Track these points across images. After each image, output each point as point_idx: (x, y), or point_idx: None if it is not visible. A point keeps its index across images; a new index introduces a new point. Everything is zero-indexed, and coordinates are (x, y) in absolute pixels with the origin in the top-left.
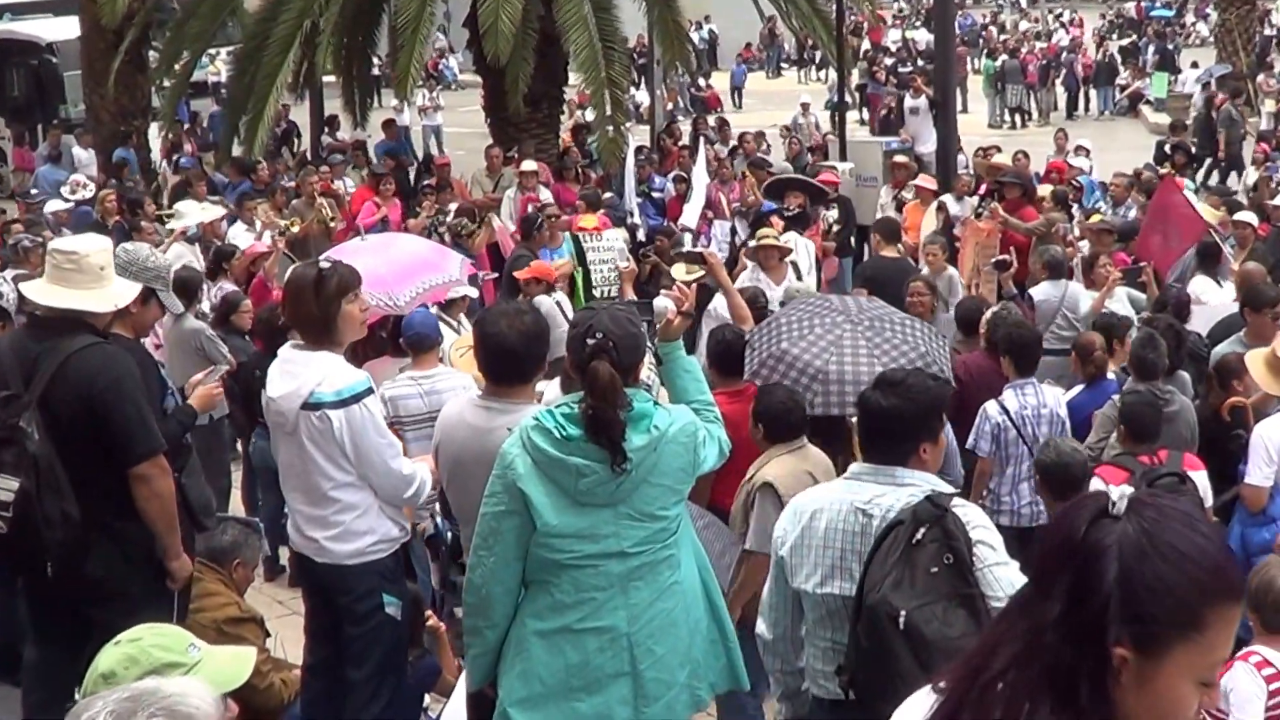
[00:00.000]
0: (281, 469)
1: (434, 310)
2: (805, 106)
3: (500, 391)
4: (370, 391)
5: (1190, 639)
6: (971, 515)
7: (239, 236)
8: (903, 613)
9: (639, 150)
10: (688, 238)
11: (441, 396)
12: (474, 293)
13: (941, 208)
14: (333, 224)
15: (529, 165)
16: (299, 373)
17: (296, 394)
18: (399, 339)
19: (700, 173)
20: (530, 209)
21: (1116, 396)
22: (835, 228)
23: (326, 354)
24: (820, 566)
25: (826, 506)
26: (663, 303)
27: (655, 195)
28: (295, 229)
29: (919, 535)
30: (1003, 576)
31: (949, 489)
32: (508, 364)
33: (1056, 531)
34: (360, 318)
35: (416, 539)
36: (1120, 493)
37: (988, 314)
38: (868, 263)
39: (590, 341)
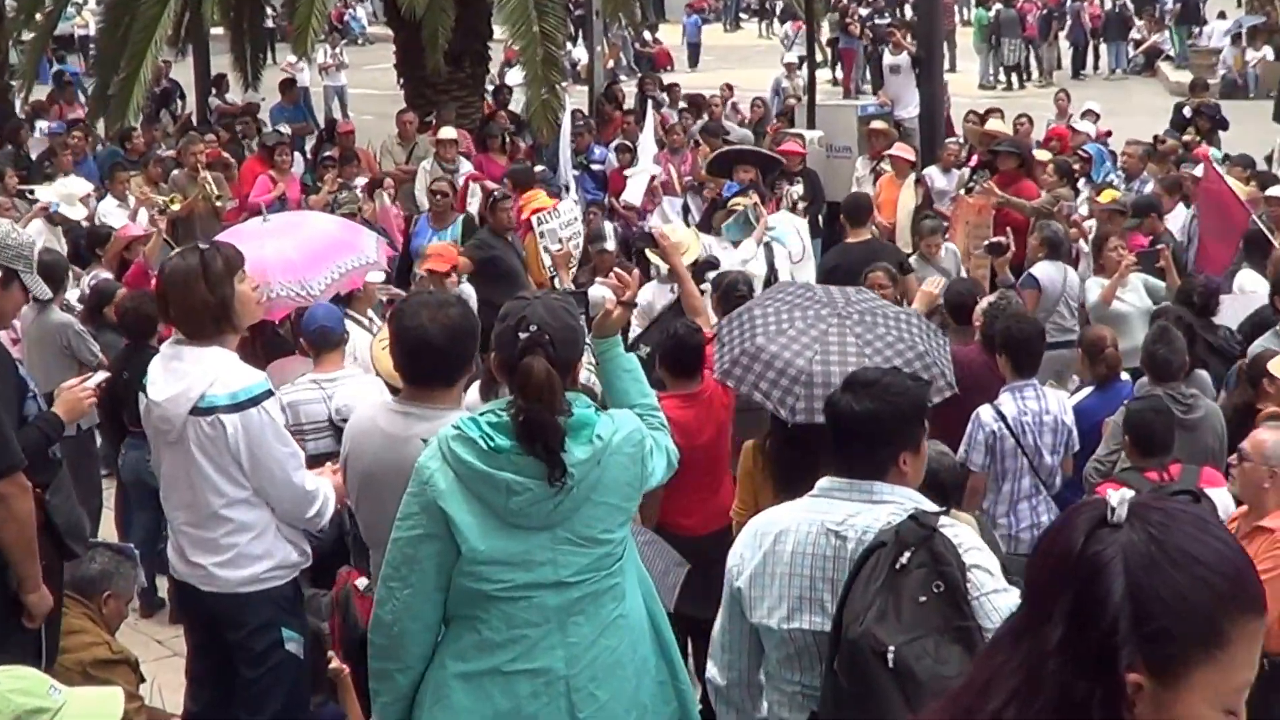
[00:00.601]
0: (164, 484)
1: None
2: (791, 67)
3: (420, 395)
4: (270, 394)
5: (1212, 657)
6: (963, 536)
7: (111, 214)
8: (891, 648)
9: (575, 115)
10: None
11: (349, 402)
12: (379, 276)
13: (921, 181)
14: (219, 202)
15: (447, 133)
16: (187, 372)
17: (184, 396)
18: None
19: (647, 141)
20: (482, 188)
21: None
22: (800, 205)
23: (218, 350)
24: (786, 598)
25: (792, 528)
26: (599, 292)
27: (595, 167)
28: (176, 206)
29: (904, 559)
30: (1002, 605)
31: (934, 506)
32: (429, 363)
33: (1050, 546)
34: (255, 297)
35: None
36: (1120, 497)
37: (983, 303)
38: (832, 251)
39: (522, 335)
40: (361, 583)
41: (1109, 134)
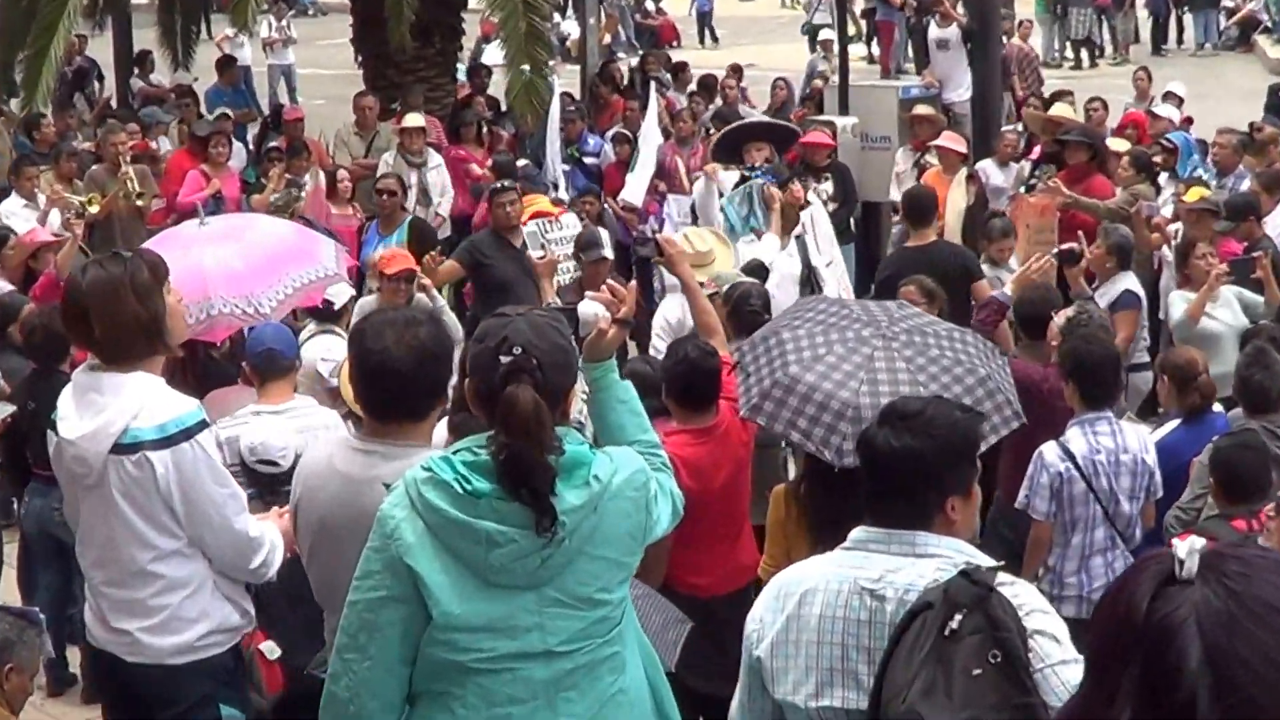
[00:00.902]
0: (80, 536)
1: (308, 326)
2: (827, 45)
3: (384, 430)
4: (205, 425)
5: None
6: (1025, 597)
7: (15, 215)
8: None
9: (565, 100)
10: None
11: (265, 440)
12: (345, 291)
13: (973, 177)
14: (142, 202)
15: (414, 120)
16: (107, 403)
17: (104, 432)
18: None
19: (650, 129)
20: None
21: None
22: (830, 206)
23: (143, 375)
24: (814, 670)
25: (820, 587)
26: (590, 308)
27: (588, 160)
28: (95, 208)
29: (954, 624)
30: (1071, 679)
31: (989, 561)
32: (394, 393)
33: (1112, 609)
34: (182, 311)
35: None
36: (1188, 548)
37: (1059, 317)
38: (892, 256)
39: (504, 359)
40: (268, 647)
41: (1190, 121)
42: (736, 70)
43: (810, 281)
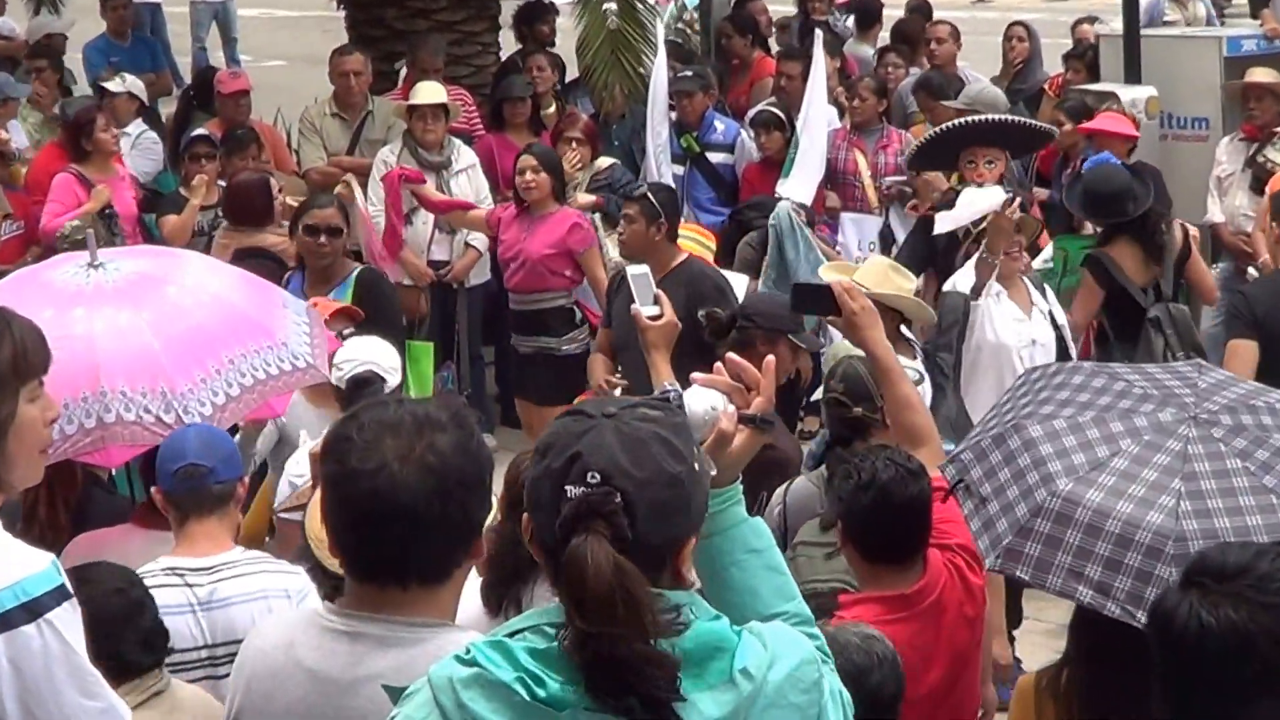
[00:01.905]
0: None
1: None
2: None
3: (380, 601)
4: (65, 595)
5: None
6: None
7: None
8: None
9: (677, 58)
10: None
11: (237, 611)
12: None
13: None
14: None
15: (430, 92)
16: None
17: None
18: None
19: (817, 104)
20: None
21: None
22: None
23: None
24: None
25: None
26: (701, 400)
27: (714, 158)
28: None
29: None
30: None
31: None
32: (394, 541)
33: None
34: (44, 436)
35: None
36: None
37: None
38: (1257, 286)
39: (572, 491)
40: None
41: None
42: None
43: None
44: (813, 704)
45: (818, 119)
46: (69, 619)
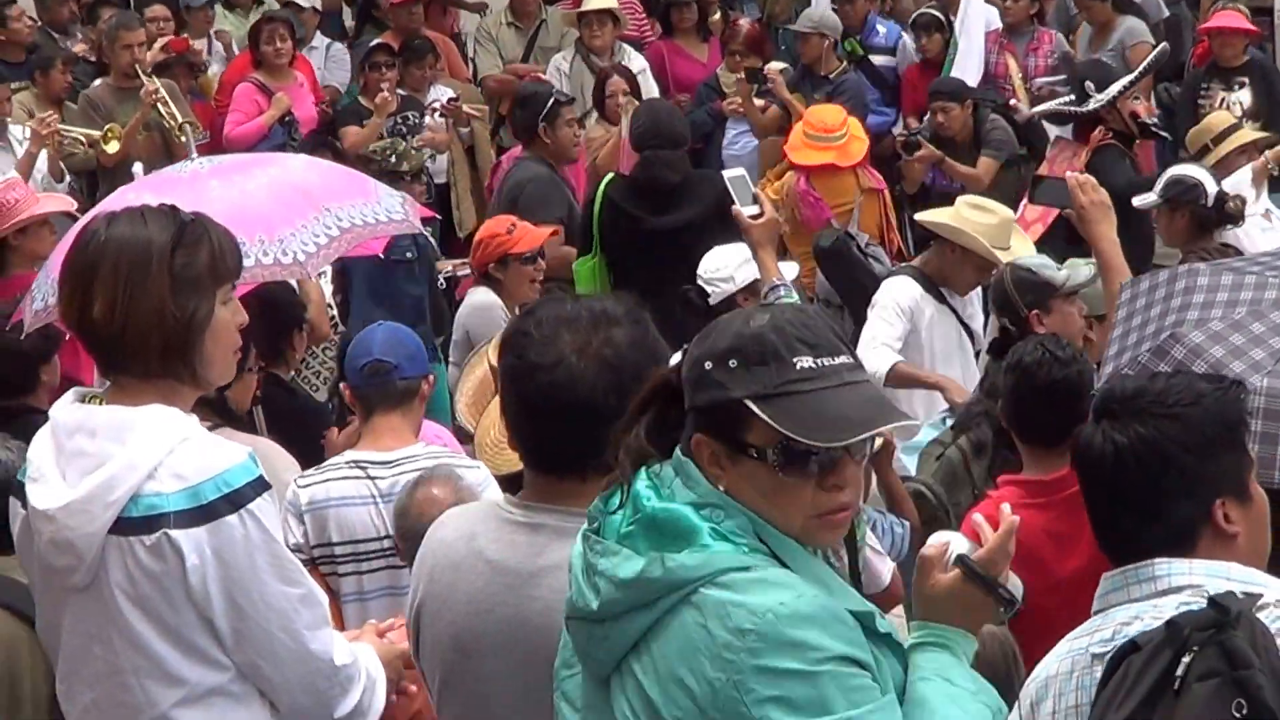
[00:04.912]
0: (63, 666)
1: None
2: None
3: (557, 491)
4: (264, 487)
5: None
6: None
7: None
8: None
9: None
10: None
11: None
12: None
13: None
14: (185, 137)
15: (598, 0)
16: (105, 452)
17: (100, 498)
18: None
19: (975, 5)
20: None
21: None
22: (1249, 126)
23: (162, 410)
24: None
25: (1055, 673)
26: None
27: (876, 60)
28: (113, 146)
29: (1182, 669)
30: None
31: (1271, 584)
32: (572, 433)
33: None
34: (235, 338)
35: None
36: None
37: None
38: None
39: None
40: None
41: None
42: None
43: None
44: (734, 658)
45: (976, 20)
46: (268, 509)
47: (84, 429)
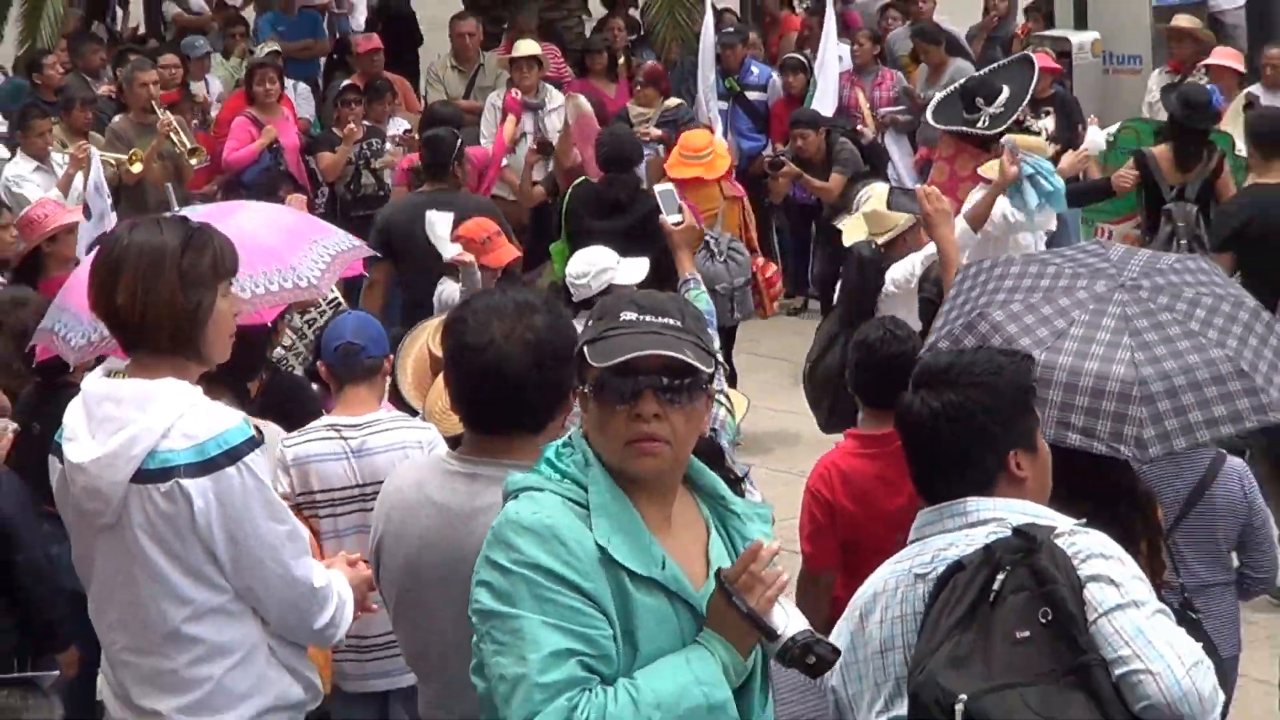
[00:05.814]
0: (94, 591)
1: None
2: None
3: (490, 447)
4: (255, 444)
5: None
6: (1086, 543)
7: (27, 180)
8: (961, 698)
9: (724, 17)
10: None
11: (381, 459)
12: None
13: (1250, 103)
14: (195, 160)
15: (527, 47)
16: (128, 417)
17: (124, 454)
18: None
19: (829, 47)
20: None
21: None
22: (1052, 149)
23: (174, 383)
24: (883, 683)
25: (882, 590)
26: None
27: (751, 96)
28: (138, 167)
29: (997, 585)
30: (1127, 626)
31: (1065, 521)
32: (502, 401)
33: None
34: (231, 324)
35: None
36: None
37: None
38: (1235, 202)
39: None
40: None
41: None
42: None
43: None
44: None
45: (831, 62)
46: (260, 462)
47: (111, 398)
